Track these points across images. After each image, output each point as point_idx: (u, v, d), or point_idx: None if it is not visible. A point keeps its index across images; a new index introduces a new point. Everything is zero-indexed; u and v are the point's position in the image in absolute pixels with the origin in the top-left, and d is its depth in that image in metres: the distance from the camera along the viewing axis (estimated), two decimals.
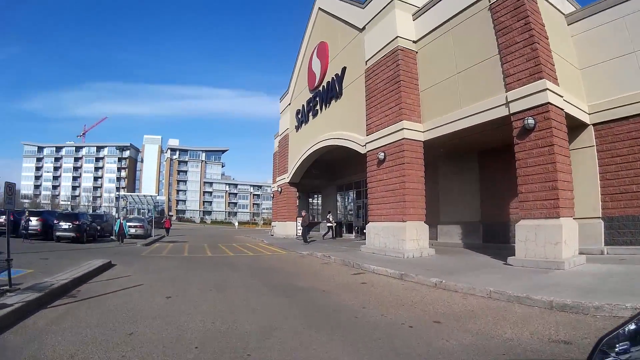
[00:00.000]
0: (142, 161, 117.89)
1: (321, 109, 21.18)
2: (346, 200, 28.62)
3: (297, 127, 25.52)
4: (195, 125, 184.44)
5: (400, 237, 12.69)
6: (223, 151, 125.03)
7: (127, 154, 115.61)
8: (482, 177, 15.81)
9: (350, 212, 27.42)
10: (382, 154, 13.70)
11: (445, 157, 16.83)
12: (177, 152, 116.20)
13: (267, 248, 18.48)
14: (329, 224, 24.21)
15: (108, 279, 8.28)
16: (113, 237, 19.84)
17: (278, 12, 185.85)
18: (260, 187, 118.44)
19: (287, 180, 27.17)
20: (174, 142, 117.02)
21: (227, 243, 22.15)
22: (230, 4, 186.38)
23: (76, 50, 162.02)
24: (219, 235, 34.52)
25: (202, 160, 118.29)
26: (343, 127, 18.11)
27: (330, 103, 19.93)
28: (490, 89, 10.89)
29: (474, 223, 16.03)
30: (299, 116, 25.02)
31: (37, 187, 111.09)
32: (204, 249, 17.15)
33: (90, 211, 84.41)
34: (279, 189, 28.94)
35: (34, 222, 18.65)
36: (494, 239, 14.95)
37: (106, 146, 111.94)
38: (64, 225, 18.38)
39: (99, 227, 22.46)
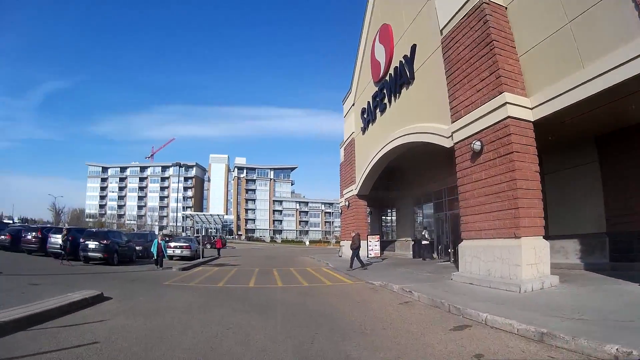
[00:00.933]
0: (209, 180, 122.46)
1: (390, 101, 18.20)
2: (423, 215, 25.01)
3: (364, 129, 22.73)
4: (263, 144, 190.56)
5: (513, 262, 9.09)
6: (292, 169, 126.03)
7: (192, 173, 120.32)
8: (606, 171, 11.58)
9: (427, 229, 23.59)
10: (478, 143, 10.26)
11: (551, 147, 12.78)
12: (245, 171, 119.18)
13: (329, 274, 15.65)
14: (425, 242, 20.63)
15: (66, 325, 5.94)
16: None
17: (346, 25, 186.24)
18: (331, 204, 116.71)
19: (355, 192, 24.35)
20: (240, 161, 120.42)
21: (284, 267, 19.72)
22: (295, 23, 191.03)
23: (145, 75, 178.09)
24: (281, 256, 32.48)
25: (271, 179, 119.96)
26: (419, 118, 14.91)
27: (400, 92, 16.91)
28: (627, 31, 7.46)
29: (596, 236, 11.71)
30: (365, 116, 22.27)
31: (102, 207, 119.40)
32: (250, 276, 14.65)
33: (157, 231, 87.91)
34: (347, 203, 26.18)
35: (60, 240, 17.36)
36: (626, 256, 10.72)
37: (171, 166, 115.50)
38: (91, 244, 17.00)
39: (138, 248, 21.21)
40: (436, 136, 13.04)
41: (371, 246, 21.57)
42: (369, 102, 21.38)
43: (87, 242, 17.16)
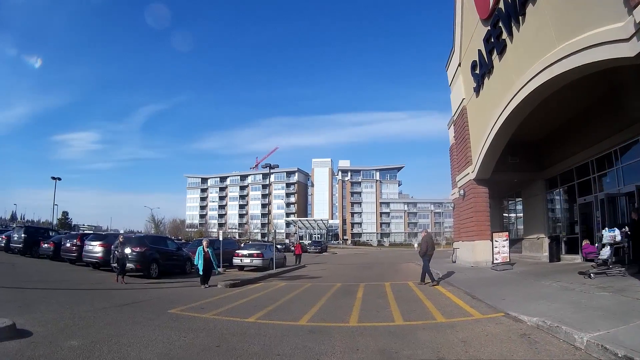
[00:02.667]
0: (312, 185, 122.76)
1: (510, 34, 13.22)
2: (560, 202, 19.47)
3: (477, 88, 17.79)
4: (367, 148, 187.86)
5: None
6: (399, 168, 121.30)
7: (294, 178, 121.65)
8: None
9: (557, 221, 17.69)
10: None
11: None
12: (349, 173, 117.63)
13: (440, 296, 10.59)
14: (611, 238, 13.57)
15: None
16: (219, 270, 15.63)
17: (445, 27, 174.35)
18: (441, 204, 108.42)
19: (473, 175, 19.17)
20: (344, 164, 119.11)
21: (378, 281, 15.45)
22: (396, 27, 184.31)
23: (248, 92, 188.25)
24: (381, 263, 28.33)
25: (377, 180, 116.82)
26: (562, 35, 9.80)
27: (524, 14, 11.96)
28: None
29: None
30: (476, 70, 17.40)
31: (202, 216, 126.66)
32: (317, 300, 10.28)
33: (259, 238, 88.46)
34: (462, 192, 21.15)
35: (96, 247, 16.17)
36: None
37: (269, 172, 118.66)
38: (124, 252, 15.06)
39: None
40: (603, 47, 8.00)
41: (498, 248, 16.26)
42: (479, 51, 16.44)
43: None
